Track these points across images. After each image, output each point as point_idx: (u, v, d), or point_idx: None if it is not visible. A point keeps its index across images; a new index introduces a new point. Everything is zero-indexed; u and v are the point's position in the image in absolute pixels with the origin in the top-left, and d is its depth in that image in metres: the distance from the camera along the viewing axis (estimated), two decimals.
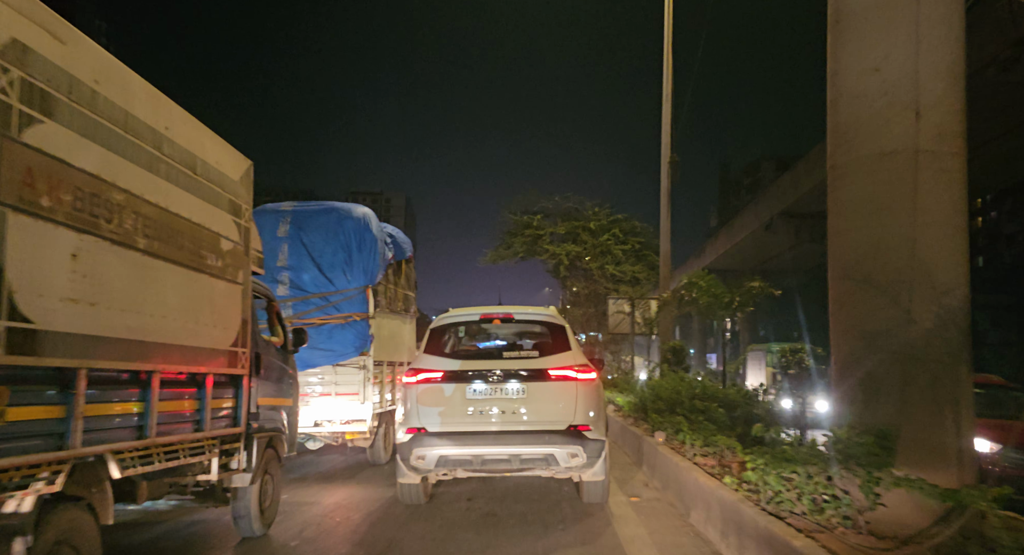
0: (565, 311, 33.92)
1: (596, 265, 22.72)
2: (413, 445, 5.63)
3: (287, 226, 8.15)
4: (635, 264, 22.40)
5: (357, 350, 7.94)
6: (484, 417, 5.66)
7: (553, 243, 23.43)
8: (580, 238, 22.91)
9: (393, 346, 9.43)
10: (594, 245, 22.63)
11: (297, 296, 7.92)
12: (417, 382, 5.78)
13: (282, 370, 5.84)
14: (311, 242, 8.07)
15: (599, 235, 22.58)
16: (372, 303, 8.16)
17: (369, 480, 7.68)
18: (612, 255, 22.59)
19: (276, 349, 5.79)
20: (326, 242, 8.08)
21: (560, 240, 23.63)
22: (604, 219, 22.95)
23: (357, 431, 7.94)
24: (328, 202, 8.65)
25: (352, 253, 8.11)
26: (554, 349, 6.01)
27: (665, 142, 14.13)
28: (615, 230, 22.51)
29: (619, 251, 22.47)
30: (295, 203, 8.55)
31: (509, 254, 24.13)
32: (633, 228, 23.04)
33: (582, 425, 5.63)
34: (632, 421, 10.27)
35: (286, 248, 8.04)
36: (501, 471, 5.79)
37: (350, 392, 8.03)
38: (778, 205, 28.04)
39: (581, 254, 22.88)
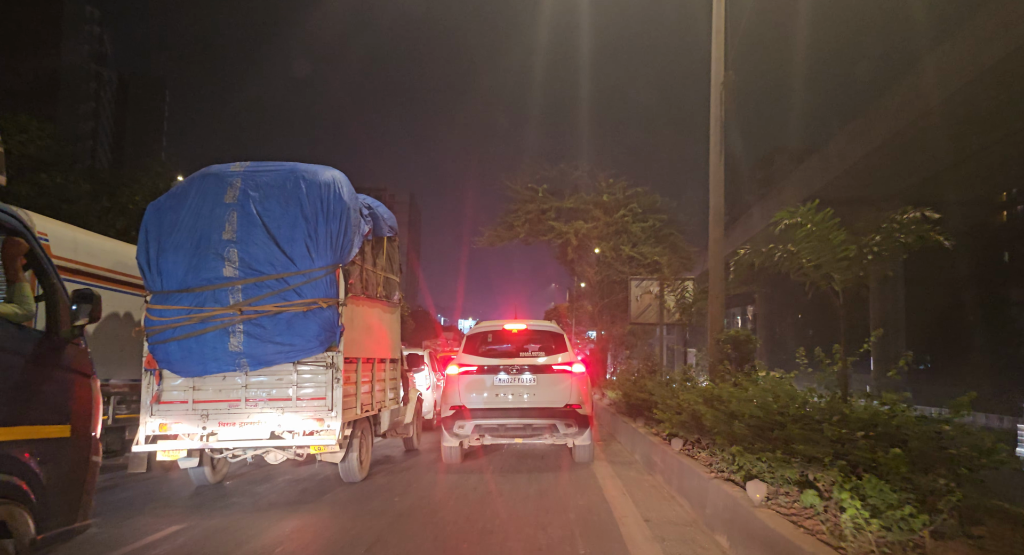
0: (572, 306, 31.97)
1: (609, 246, 19.90)
2: (456, 418, 8.14)
3: (236, 191, 6.71)
4: (656, 245, 19.36)
5: (323, 344, 6.54)
6: (506, 398, 8.19)
7: (560, 220, 20.52)
8: (591, 214, 20.09)
9: (371, 339, 8.03)
10: (608, 223, 19.88)
11: (248, 278, 6.48)
12: (460, 374, 8.37)
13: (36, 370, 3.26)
14: (266, 210, 6.64)
15: (614, 211, 19.82)
16: (343, 287, 6.76)
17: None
18: (629, 235, 19.78)
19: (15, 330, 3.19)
20: (284, 210, 6.66)
21: (568, 217, 20.68)
22: (620, 192, 20.21)
23: (324, 443, 6.53)
24: (289, 163, 7.22)
25: (318, 224, 6.69)
26: (555, 351, 8.59)
27: (716, 56, 9.98)
28: (633, 205, 19.76)
29: (637, 230, 19.63)
30: (247, 163, 7.11)
31: (510, 235, 21.27)
32: (654, 203, 20.23)
33: (575, 404, 8.09)
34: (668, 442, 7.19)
35: (234, 217, 6.60)
36: (517, 436, 8.20)
37: (314, 396, 6.63)
38: (804, 191, 26.28)
39: (592, 233, 20.11)
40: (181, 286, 6.51)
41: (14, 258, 3.33)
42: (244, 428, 6.55)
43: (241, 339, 6.39)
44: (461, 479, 7.52)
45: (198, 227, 6.61)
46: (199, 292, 6.49)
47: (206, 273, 6.50)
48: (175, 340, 6.41)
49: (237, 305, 6.41)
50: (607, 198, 20.04)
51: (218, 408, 6.58)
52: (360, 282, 7.64)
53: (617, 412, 12.16)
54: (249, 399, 6.60)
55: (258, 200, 6.66)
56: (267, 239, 6.57)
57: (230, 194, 6.71)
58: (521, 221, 20.84)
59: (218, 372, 6.48)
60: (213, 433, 6.54)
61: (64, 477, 3.32)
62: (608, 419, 12.66)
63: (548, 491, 6.78)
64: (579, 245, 20.56)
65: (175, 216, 6.70)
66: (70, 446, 3.38)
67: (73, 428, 3.40)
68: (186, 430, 6.53)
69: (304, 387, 6.64)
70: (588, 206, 20.22)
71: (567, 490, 6.80)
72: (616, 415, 11.95)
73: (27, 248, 3.39)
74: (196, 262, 6.52)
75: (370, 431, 8.13)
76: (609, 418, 12.62)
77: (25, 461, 3.03)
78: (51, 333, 3.41)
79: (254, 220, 6.59)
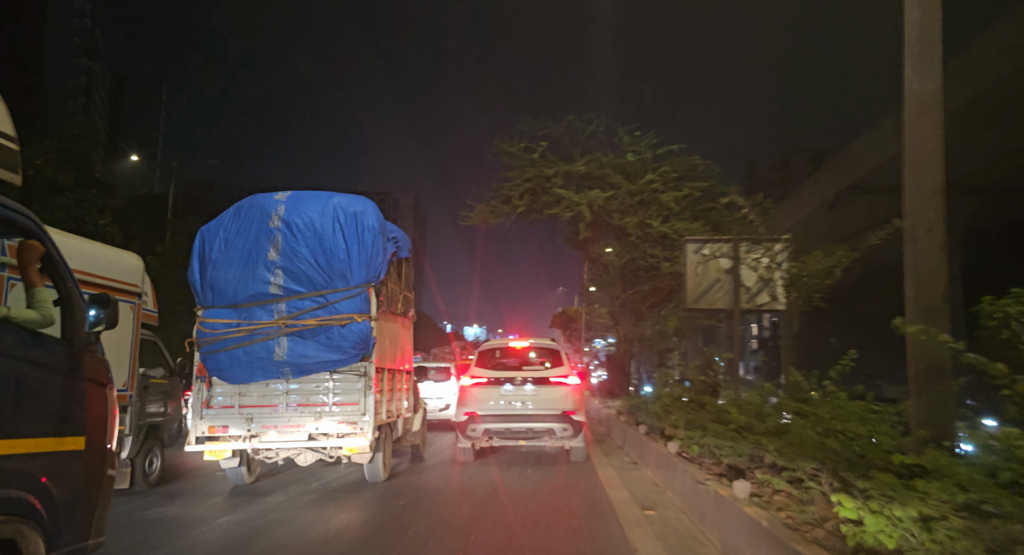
0: (585, 299, 28.07)
1: (634, 221, 15.93)
2: (469, 423, 9.64)
3: (280, 216, 7.76)
4: (693, 221, 15.47)
5: (358, 355, 7.57)
6: (511, 406, 9.67)
7: (569, 188, 16.62)
8: (610, 181, 16.21)
9: (394, 352, 9.06)
10: (631, 192, 15.97)
11: (291, 294, 7.52)
12: (473, 385, 9.93)
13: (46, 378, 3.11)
14: (307, 234, 7.69)
15: (639, 177, 16.01)
16: (375, 303, 7.79)
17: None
18: (659, 206, 15.79)
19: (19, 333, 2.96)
20: (323, 234, 7.70)
21: (581, 185, 16.85)
22: (646, 151, 16.36)
23: (357, 446, 7.54)
24: (327, 192, 8.27)
25: (353, 247, 7.73)
26: (553, 364, 10.26)
27: None
28: (664, 168, 15.91)
29: (670, 200, 15.60)
30: (289, 192, 8.16)
31: (507, 210, 17.38)
32: (692, 168, 16.35)
33: (570, 411, 9.55)
34: None
35: (279, 240, 7.65)
36: (520, 438, 9.73)
37: (349, 402, 7.65)
38: (845, 178, 23.12)
39: (611, 205, 16.11)
40: (231, 302, 7.56)
41: (31, 262, 3.17)
42: (285, 431, 7.56)
43: (285, 350, 7.41)
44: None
45: (246, 248, 7.66)
46: (247, 307, 7.53)
47: (253, 289, 7.54)
48: (225, 351, 7.44)
49: (281, 319, 7.44)
50: (631, 157, 16.10)
51: (261, 412, 7.60)
52: (386, 300, 8.67)
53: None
54: (289, 404, 7.62)
55: (300, 225, 7.70)
56: (308, 260, 7.61)
57: (275, 219, 7.75)
58: (520, 192, 16.87)
59: (263, 380, 7.51)
60: (256, 435, 7.56)
61: (77, 492, 3.20)
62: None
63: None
64: (594, 221, 16.45)
65: (225, 238, 7.75)
66: (84, 459, 3.25)
67: (88, 440, 3.26)
68: (232, 432, 7.54)
69: (339, 394, 7.66)
70: (605, 170, 16.30)
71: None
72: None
73: (43, 251, 3.21)
74: (244, 280, 7.57)
75: (390, 437, 9.14)
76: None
77: (36, 476, 2.91)
78: (67, 340, 3.25)
79: (297, 242, 7.63)
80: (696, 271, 10.39)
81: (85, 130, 20.41)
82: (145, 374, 8.08)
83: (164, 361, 8.83)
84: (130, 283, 7.60)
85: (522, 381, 9.74)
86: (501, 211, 17.50)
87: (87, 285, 6.61)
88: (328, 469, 9.40)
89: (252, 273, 7.56)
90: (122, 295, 7.31)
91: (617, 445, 12.37)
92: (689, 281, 10.51)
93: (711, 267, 10.30)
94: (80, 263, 6.67)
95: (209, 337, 7.52)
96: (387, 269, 8.46)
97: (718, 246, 10.36)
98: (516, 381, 9.75)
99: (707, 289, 10.35)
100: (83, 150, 20.17)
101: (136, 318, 7.65)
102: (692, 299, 10.58)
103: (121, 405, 7.22)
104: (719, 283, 10.18)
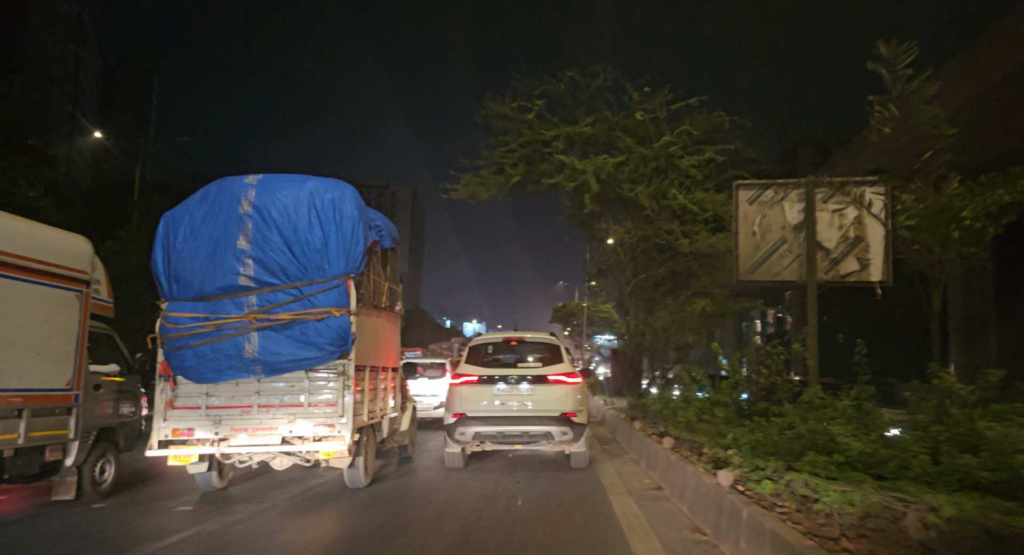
0: (592, 282, 24.64)
1: (648, 191, 13.95)
2: (457, 425, 8.84)
3: (250, 201, 7.24)
4: (718, 192, 13.67)
5: (335, 352, 7.06)
6: (505, 406, 8.83)
7: (571, 154, 14.40)
8: (619, 144, 14.13)
9: (377, 348, 8.56)
10: (645, 157, 13.89)
11: (262, 286, 7.01)
12: (461, 383, 9.06)
13: None
14: (280, 220, 7.17)
15: (653, 139, 13.86)
16: (354, 296, 7.28)
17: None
18: (678, 174, 13.81)
19: None
20: (298, 221, 7.18)
21: (585, 151, 14.71)
22: (661, 107, 14.14)
23: (334, 450, 7.05)
24: (301, 175, 7.74)
25: (330, 236, 7.22)
26: (552, 361, 9.30)
27: None
28: (684, 127, 13.88)
29: (691, 166, 13.63)
30: (261, 175, 7.63)
31: (498, 182, 15.21)
32: (718, 126, 14.14)
33: (570, 413, 8.76)
34: None
35: (249, 227, 7.13)
36: (515, 443, 8.91)
37: (326, 403, 7.15)
38: (873, 162, 18.11)
39: (621, 174, 13.98)
40: (197, 294, 7.05)
41: None
42: (256, 434, 7.07)
43: (256, 346, 6.91)
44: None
45: (213, 236, 7.14)
46: (214, 300, 7.02)
47: (221, 281, 7.03)
48: (190, 347, 6.94)
49: (252, 313, 6.93)
50: (640, 117, 13.94)
51: (231, 414, 7.10)
52: (368, 292, 8.16)
53: None
54: (261, 405, 7.12)
55: (272, 211, 7.18)
56: (282, 249, 7.10)
57: (245, 204, 7.23)
58: (514, 160, 14.63)
59: (232, 378, 7.01)
60: (225, 438, 7.06)
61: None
62: None
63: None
64: (601, 193, 14.28)
65: (191, 225, 7.22)
66: None
67: None
68: (199, 436, 7.04)
69: (315, 394, 7.16)
70: (615, 133, 14.26)
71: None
72: None
73: None
74: (211, 270, 7.05)
75: (373, 438, 8.65)
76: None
77: None
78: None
79: (269, 230, 7.12)
80: (752, 229, 8.06)
81: (16, 91, 18.05)
82: (96, 372, 7.46)
83: (120, 357, 8.16)
84: (76, 269, 6.96)
85: (517, 379, 8.94)
86: (492, 183, 15.20)
87: (17, 269, 6.08)
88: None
89: (220, 263, 7.05)
90: (65, 282, 6.75)
91: (632, 459, 10.12)
92: (742, 243, 8.03)
93: (773, 223, 7.96)
94: (11, 244, 6.07)
95: (173, 332, 7.01)
96: (369, 259, 7.95)
97: (783, 192, 7.95)
98: (510, 379, 8.96)
99: (767, 254, 8.03)
100: (11, 113, 17.97)
101: (83, 308, 7.00)
102: (746, 268, 8.11)
103: (64, 406, 6.66)
104: (784, 246, 7.91)
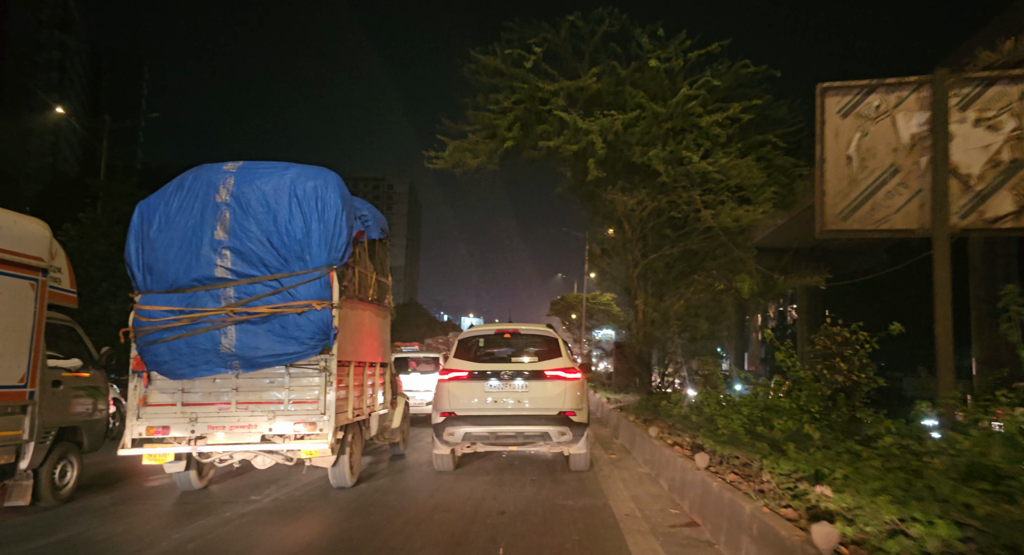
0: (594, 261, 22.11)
1: (663, 155, 12.00)
2: (446, 425, 8.23)
3: (229, 190, 6.99)
4: (744, 154, 11.94)
5: (316, 347, 6.83)
6: (498, 405, 8.24)
7: (573, 112, 12.54)
8: (631, 102, 12.29)
9: (363, 343, 8.34)
10: (659, 115, 12.01)
11: (240, 278, 6.78)
12: (449, 379, 8.44)
13: None
14: (260, 209, 6.92)
15: (668, 94, 12.13)
16: (337, 288, 7.05)
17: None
18: (698, 134, 12.01)
19: None
20: (278, 210, 6.94)
21: (589, 108, 12.73)
22: (677, 55, 12.44)
23: (316, 449, 6.84)
24: (283, 162, 7.49)
25: (311, 225, 6.98)
26: (549, 355, 8.66)
27: None
28: (705, 78, 12.04)
29: (715, 126, 11.79)
30: (240, 162, 7.38)
31: (489, 147, 13.24)
32: (745, 77, 12.34)
33: (569, 411, 8.16)
34: None
35: (227, 217, 6.89)
36: (509, 444, 8.40)
37: (307, 400, 6.93)
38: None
39: (631, 135, 12.22)
40: (171, 286, 6.81)
41: None
42: (234, 432, 6.85)
43: (233, 340, 6.68)
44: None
45: (189, 226, 6.90)
46: (190, 293, 6.79)
47: (197, 273, 6.79)
48: (164, 342, 6.70)
49: (229, 306, 6.70)
50: (655, 64, 12.17)
51: (207, 411, 6.88)
52: (353, 284, 7.93)
53: None
54: (240, 402, 6.90)
55: (251, 199, 6.93)
56: (260, 239, 6.86)
57: (223, 193, 6.98)
58: (508, 122, 12.79)
59: (209, 374, 6.78)
60: (202, 437, 6.85)
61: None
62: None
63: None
64: (608, 158, 12.56)
65: (165, 214, 6.97)
66: None
67: None
68: (174, 434, 6.82)
69: (296, 390, 6.95)
70: (624, 88, 12.46)
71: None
72: None
73: None
74: (186, 262, 6.81)
75: (360, 436, 8.44)
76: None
77: None
78: None
79: (247, 220, 6.87)
80: (846, 153, 5.73)
81: None
82: (56, 367, 7.06)
83: (85, 350, 7.73)
84: (30, 255, 6.53)
85: (511, 375, 8.29)
86: (482, 149, 13.24)
87: None
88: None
89: (195, 254, 6.81)
90: (16, 269, 6.32)
91: (648, 475, 8.32)
92: (830, 175, 6.00)
93: (878, 144, 5.67)
94: None
95: (146, 326, 6.77)
96: (354, 250, 7.72)
97: (896, 97, 5.65)
98: (503, 375, 8.30)
99: (869, 191, 5.67)
100: None
101: (39, 298, 6.58)
102: (837, 213, 6.05)
103: (18, 404, 6.28)
104: (896, 177, 5.66)
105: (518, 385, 8.28)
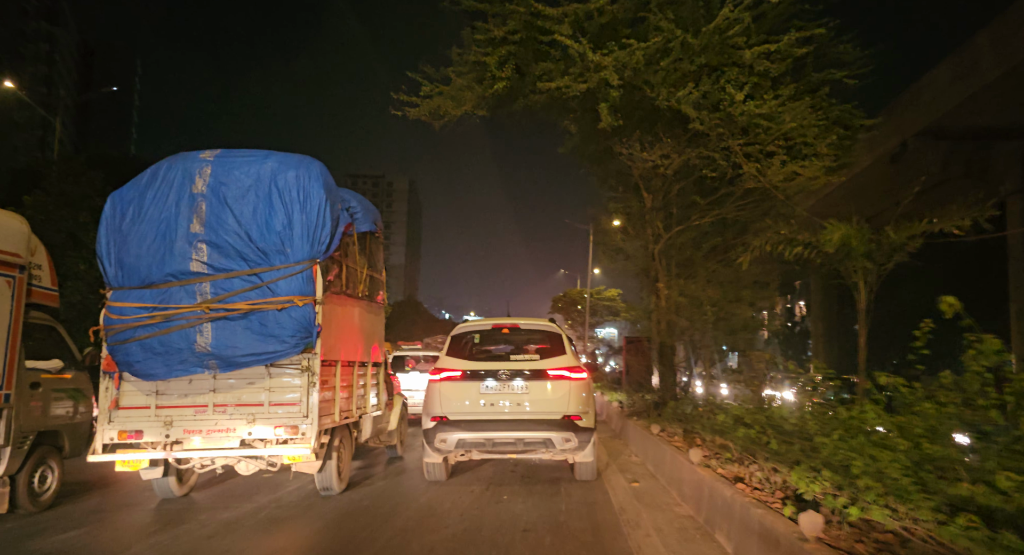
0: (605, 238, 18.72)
1: (694, 96, 9.74)
2: (437, 430, 7.55)
3: (205, 180, 6.66)
4: (798, 96, 9.81)
5: (298, 345, 6.50)
6: (495, 408, 7.54)
7: (584, 41, 9.68)
8: (653, 25, 9.73)
9: (352, 341, 8.02)
10: (690, 47, 9.56)
11: (217, 273, 6.45)
12: (441, 380, 7.74)
13: None
14: (237, 201, 6.59)
15: (703, 20, 9.65)
16: (320, 283, 6.73)
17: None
18: (740, 72, 9.66)
19: None
20: (257, 201, 6.60)
21: (601, 39, 9.91)
22: None
23: (299, 454, 6.53)
24: (263, 150, 7.16)
25: (294, 216, 6.65)
26: (552, 353, 7.94)
27: None
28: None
29: (758, 59, 9.48)
30: (218, 150, 7.05)
31: (475, 92, 10.81)
32: (800, 13, 9.89)
33: (575, 415, 7.47)
34: None
35: (203, 208, 6.56)
36: (508, 452, 7.64)
37: (288, 402, 6.62)
38: (915, 122, 18.10)
39: (651, 72, 9.84)
40: (144, 282, 6.49)
41: None
42: (212, 436, 6.55)
43: (209, 339, 6.36)
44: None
45: (164, 218, 6.57)
46: (164, 288, 6.47)
47: (171, 267, 6.47)
48: (136, 340, 6.38)
49: (205, 302, 6.38)
50: None
51: (183, 414, 6.57)
52: (341, 280, 7.62)
53: None
54: (217, 404, 6.60)
55: (229, 190, 6.61)
56: (239, 232, 6.54)
57: (199, 183, 6.66)
58: (500, 58, 10.36)
59: (184, 374, 6.47)
60: (178, 441, 6.54)
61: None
62: None
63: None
64: (625, 101, 10.27)
65: (139, 206, 6.65)
66: None
67: None
68: (148, 439, 6.52)
69: (277, 392, 6.64)
70: (646, 12, 10.03)
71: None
72: None
73: None
74: (160, 256, 6.49)
75: (350, 439, 8.14)
76: None
77: None
78: None
79: (225, 211, 6.55)
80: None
81: None
82: (35, 369, 6.87)
83: (67, 351, 7.54)
84: (6, 251, 6.30)
85: (509, 374, 7.58)
86: (466, 95, 10.85)
87: None
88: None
89: (170, 248, 6.48)
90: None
91: (693, 518, 5.86)
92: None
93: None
94: None
95: (118, 324, 6.44)
96: (341, 243, 7.40)
97: None
98: (501, 375, 7.58)
99: None
100: None
101: (16, 296, 6.37)
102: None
103: None
104: None
105: (517, 386, 7.59)
